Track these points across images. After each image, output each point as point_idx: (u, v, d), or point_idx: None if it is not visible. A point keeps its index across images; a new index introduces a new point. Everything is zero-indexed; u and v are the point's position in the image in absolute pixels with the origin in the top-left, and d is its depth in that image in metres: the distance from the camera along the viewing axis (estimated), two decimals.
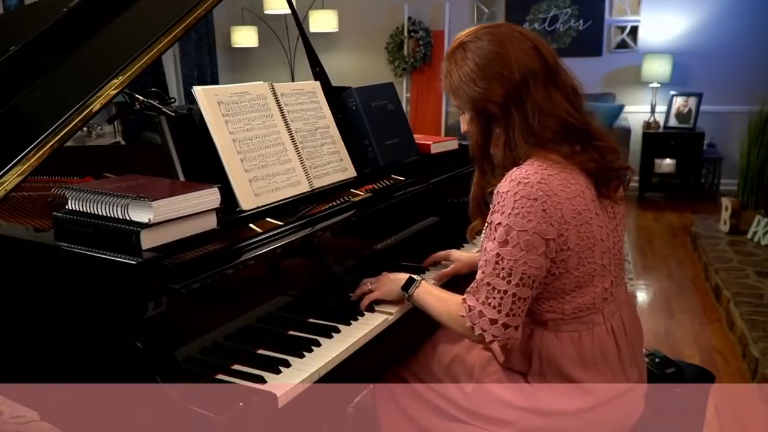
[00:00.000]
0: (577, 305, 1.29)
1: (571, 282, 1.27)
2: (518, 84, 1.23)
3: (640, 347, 1.43)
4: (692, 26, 5.60)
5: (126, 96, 1.72)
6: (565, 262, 1.25)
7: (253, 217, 1.42)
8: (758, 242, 3.94)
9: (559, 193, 1.21)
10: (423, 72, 6.44)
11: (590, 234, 1.25)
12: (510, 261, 1.21)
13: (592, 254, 1.26)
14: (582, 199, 1.24)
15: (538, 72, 1.24)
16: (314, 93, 1.75)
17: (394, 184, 1.83)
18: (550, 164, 1.23)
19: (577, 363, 1.31)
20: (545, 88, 1.25)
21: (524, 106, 1.24)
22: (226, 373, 1.21)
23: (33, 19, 1.93)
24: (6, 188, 1.37)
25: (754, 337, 2.76)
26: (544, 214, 1.19)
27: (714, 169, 5.54)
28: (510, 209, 1.20)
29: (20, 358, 1.34)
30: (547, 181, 1.20)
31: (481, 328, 1.25)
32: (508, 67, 1.23)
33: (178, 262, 1.18)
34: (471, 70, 1.26)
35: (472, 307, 1.26)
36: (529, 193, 1.19)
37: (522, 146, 1.25)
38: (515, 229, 1.19)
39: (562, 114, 1.25)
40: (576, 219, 1.23)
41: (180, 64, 6.37)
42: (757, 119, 4.56)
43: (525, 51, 1.25)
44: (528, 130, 1.24)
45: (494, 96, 1.25)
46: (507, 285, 1.22)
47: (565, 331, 1.31)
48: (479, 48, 1.26)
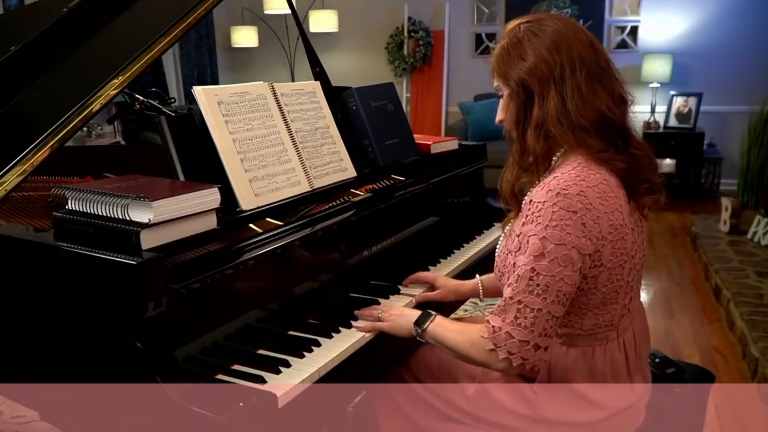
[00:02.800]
0: (596, 322, 1.26)
1: (597, 298, 1.23)
2: (563, 64, 1.22)
3: (646, 354, 1.42)
4: (692, 26, 5.60)
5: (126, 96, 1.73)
6: (595, 279, 1.20)
7: (253, 217, 1.42)
8: (758, 242, 3.93)
9: (598, 207, 1.16)
10: (423, 72, 6.44)
11: (624, 251, 1.21)
12: (546, 277, 1.14)
13: (622, 271, 1.23)
14: (620, 213, 1.20)
15: (586, 62, 1.23)
16: (314, 93, 1.75)
17: (394, 184, 1.83)
18: (587, 173, 1.19)
19: (585, 377, 1.28)
20: (590, 79, 1.23)
21: (564, 87, 1.21)
22: (226, 373, 1.21)
23: (33, 19, 1.93)
24: (6, 188, 1.37)
25: (754, 337, 2.76)
26: (584, 228, 1.15)
27: (714, 169, 5.54)
28: (547, 221, 1.15)
29: (20, 358, 1.34)
30: (587, 193, 1.16)
31: (507, 351, 1.16)
32: (558, 48, 1.22)
33: (178, 262, 1.18)
34: (523, 48, 1.25)
35: (498, 329, 1.18)
36: (569, 205, 1.14)
37: (554, 126, 1.22)
38: (553, 242, 1.14)
39: (602, 107, 1.22)
40: (612, 234, 1.18)
41: (180, 64, 6.37)
42: (757, 119, 4.56)
43: (581, 41, 1.25)
44: (563, 111, 1.21)
45: (537, 71, 1.22)
46: (542, 303, 1.15)
47: (579, 346, 1.28)
48: (537, 28, 1.25)
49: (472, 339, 1.24)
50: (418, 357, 1.53)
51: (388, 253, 1.72)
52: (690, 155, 5.37)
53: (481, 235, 2.06)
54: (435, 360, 1.49)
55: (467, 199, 2.23)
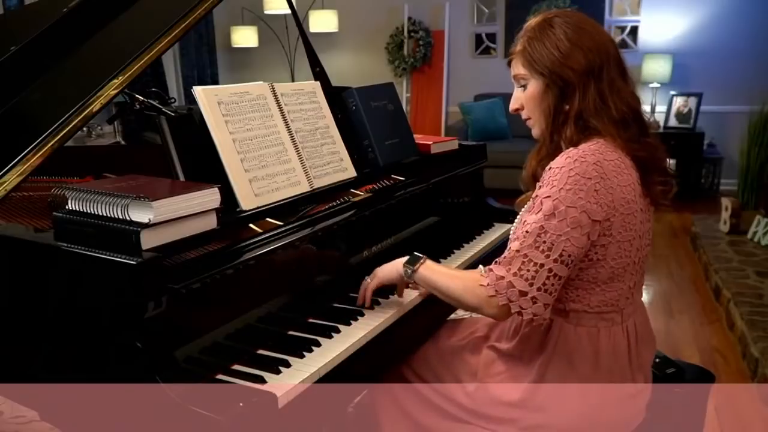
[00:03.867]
0: (603, 299, 1.29)
1: (606, 272, 1.27)
2: (600, 60, 1.28)
3: (649, 356, 1.43)
4: (692, 26, 5.60)
5: (126, 96, 1.72)
6: (604, 249, 1.24)
7: (253, 217, 1.42)
8: (758, 242, 3.94)
9: (613, 179, 1.22)
10: (423, 72, 6.44)
11: (633, 227, 1.26)
12: (553, 235, 1.19)
13: (631, 247, 1.27)
14: (632, 189, 1.25)
15: (616, 60, 1.31)
16: (314, 93, 1.75)
17: (394, 184, 1.83)
18: (606, 149, 1.24)
19: (589, 360, 1.31)
20: (620, 75, 1.31)
21: (602, 81, 1.28)
22: (226, 373, 1.21)
23: (33, 19, 1.93)
24: (6, 188, 1.36)
25: (754, 337, 2.76)
26: (596, 194, 1.20)
27: (714, 169, 5.54)
28: (562, 184, 1.20)
29: (20, 358, 1.34)
30: (603, 164, 1.21)
31: (508, 298, 1.21)
32: (592, 43, 1.28)
33: (178, 262, 1.18)
34: (557, 37, 1.28)
35: (501, 277, 1.22)
36: (585, 171, 1.20)
37: (593, 118, 1.27)
38: (564, 204, 1.19)
39: (633, 101, 1.30)
40: (624, 207, 1.23)
41: (180, 64, 6.38)
42: (757, 119, 4.56)
43: (609, 40, 1.33)
44: (601, 104, 1.27)
45: (575, 64, 1.27)
46: (545, 259, 1.19)
47: (585, 326, 1.31)
48: (567, 23, 1.29)
49: (466, 285, 1.28)
50: (418, 355, 1.53)
51: (388, 253, 1.71)
52: (690, 155, 5.37)
53: (481, 235, 2.06)
54: (435, 358, 1.50)
55: (467, 199, 2.23)
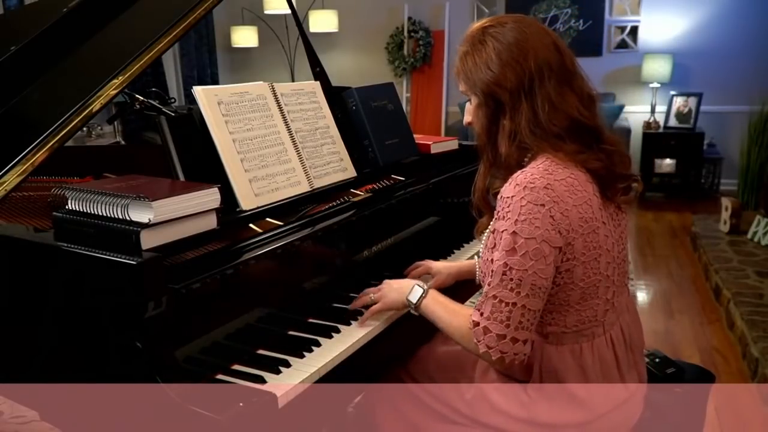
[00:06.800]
0: (579, 318, 1.26)
1: (576, 294, 1.24)
2: (532, 74, 1.21)
3: (640, 352, 1.41)
4: (692, 26, 5.60)
5: (126, 96, 1.73)
6: (570, 273, 1.21)
7: (253, 217, 1.42)
8: (758, 242, 3.93)
9: (566, 200, 1.17)
10: (423, 72, 6.44)
11: (597, 244, 1.22)
12: (519, 271, 1.15)
13: (598, 265, 1.23)
14: (589, 207, 1.20)
15: (553, 67, 1.22)
16: (314, 93, 1.75)
17: (394, 184, 1.83)
18: (555, 167, 1.19)
19: (577, 376, 1.28)
20: (559, 85, 1.22)
21: (535, 98, 1.21)
22: (226, 373, 1.21)
23: (33, 19, 1.93)
24: (6, 188, 1.37)
25: (754, 337, 2.76)
26: (552, 221, 1.15)
27: (714, 169, 5.54)
28: (516, 215, 1.16)
29: (20, 358, 1.34)
30: (553, 186, 1.16)
31: (486, 345, 1.19)
32: (524, 55, 1.21)
33: (178, 262, 1.18)
34: (487, 54, 1.23)
35: (477, 323, 1.21)
36: (536, 198, 1.15)
37: (528, 137, 1.22)
38: (522, 236, 1.15)
39: (573, 112, 1.22)
40: (583, 227, 1.19)
41: (180, 64, 6.37)
42: (757, 119, 4.56)
43: (545, 45, 1.23)
44: (535, 121, 1.21)
45: (506, 82, 1.22)
46: (516, 297, 1.16)
47: (566, 344, 1.28)
48: (499, 33, 1.24)
49: (462, 329, 1.28)
50: (417, 358, 1.53)
51: (388, 253, 1.72)
52: (690, 155, 5.37)
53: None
54: (434, 361, 1.49)
55: (467, 199, 2.22)
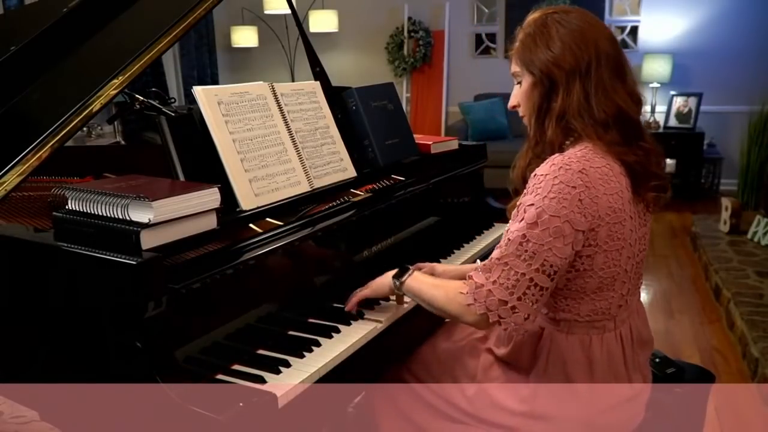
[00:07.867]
0: (593, 308, 1.27)
1: (594, 282, 1.25)
2: (590, 59, 1.24)
3: (647, 356, 1.42)
4: (692, 26, 5.60)
5: (126, 96, 1.72)
6: (591, 259, 1.22)
7: (253, 217, 1.42)
8: (758, 242, 3.93)
9: (598, 187, 1.18)
10: (423, 72, 6.44)
11: (621, 236, 1.23)
12: (535, 244, 1.16)
13: (619, 257, 1.24)
14: (619, 198, 1.21)
15: (610, 59, 1.26)
16: (314, 93, 1.75)
17: (394, 184, 1.83)
18: (593, 155, 1.21)
19: (583, 368, 1.29)
20: (612, 75, 1.26)
21: (589, 81, 1.24)
22: (226, 373, 1.21)
23: (33, 19, 1.93)
24: (6, 188, 1.37)
25: (754, 337, 2.76)
26: (580, 204, 1.17)
27: (714, 169, 5.54)
28: (546, 192, 1.17)
29: (20, 358, 1.34)
30: (588, 172, 1.18)
31: (486, 306, 1.19)
32: (585, 42, 1.25)
33: (178, 262, 1.18)
34: (550, 36, 1.26)
35: (480, 285, 1.20)
36: (569, 179, 1.17)
37: (575, 119, 1.24)
38: (548, 213, 1.16)
39: (621, 103, 1.25)
40: (610, 216, 1.20)
41: (180, 64, 6.37)
42: (757, 119, 4.57)
43: (606, 37, 1.28)
44: (585, 105, 1.24)
45: (564, 63, 1.24)
46: (527, 268, 1.17)
47: (576, 334, 1.29)
48: (564, 19, 1.27)
49: (449, 294, 1.28)
50: (417, 357, 1.53)
51: (388, 253, 1.72)
52: (690, 155, 5.37)
53: (481, 235, 2.06)
54: (434, 360, 1.49)
55: (467, 199, 2.23)
